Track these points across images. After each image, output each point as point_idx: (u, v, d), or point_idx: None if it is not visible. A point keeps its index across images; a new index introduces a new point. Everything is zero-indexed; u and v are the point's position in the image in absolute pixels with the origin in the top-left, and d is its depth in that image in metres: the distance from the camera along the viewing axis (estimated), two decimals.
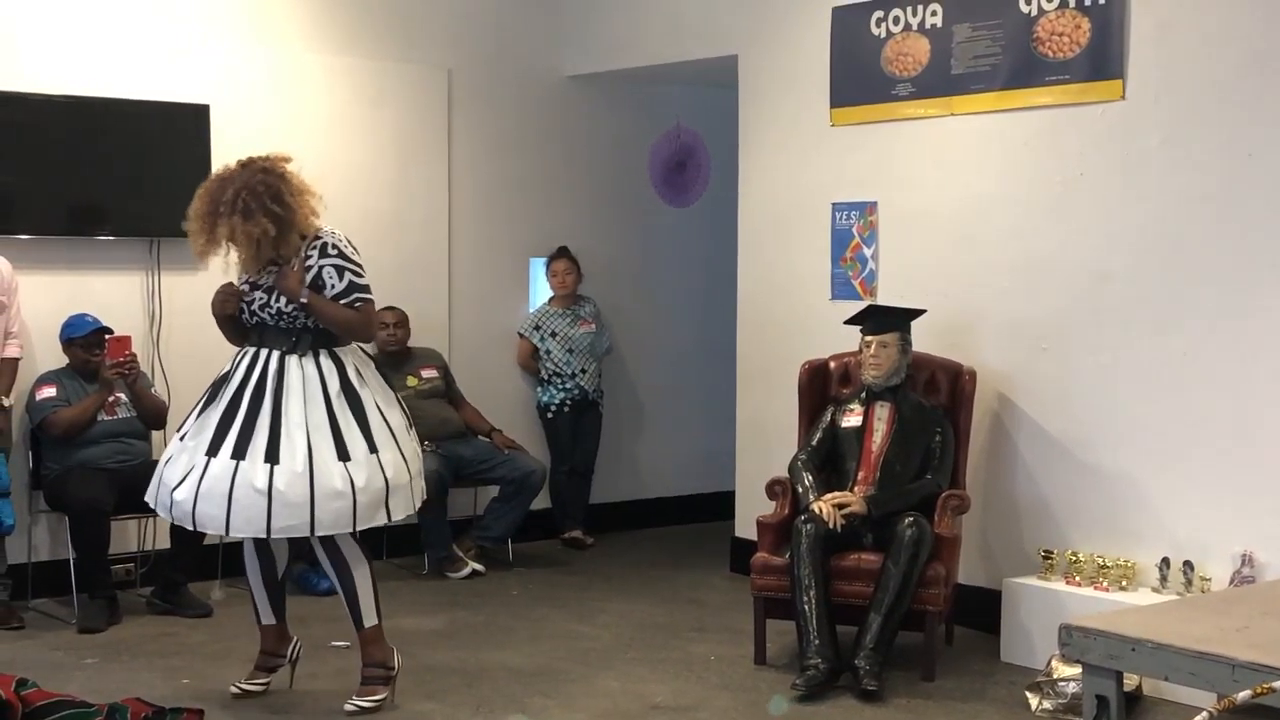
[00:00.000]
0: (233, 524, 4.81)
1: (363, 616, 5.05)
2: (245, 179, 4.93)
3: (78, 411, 6.33)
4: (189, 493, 4.84)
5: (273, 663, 5.24)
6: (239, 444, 4.83)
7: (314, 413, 4.88)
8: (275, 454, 4.80)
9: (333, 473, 4.82)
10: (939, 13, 6.25)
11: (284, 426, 4.84)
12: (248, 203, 4.87)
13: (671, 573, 7.34)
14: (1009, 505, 6.07)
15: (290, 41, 7.29)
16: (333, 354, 5.02)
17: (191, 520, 4.87)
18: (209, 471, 4.82)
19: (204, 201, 4.98)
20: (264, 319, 5.01)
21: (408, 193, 7.65)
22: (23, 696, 4.58)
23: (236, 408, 4.90)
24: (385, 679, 5.10)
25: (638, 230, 8.44)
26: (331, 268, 4.99)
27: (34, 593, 6.48)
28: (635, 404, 8.52)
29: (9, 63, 6.46)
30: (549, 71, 8.10)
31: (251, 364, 4.98)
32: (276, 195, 4.92)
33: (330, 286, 4.98)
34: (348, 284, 5.00)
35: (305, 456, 4.80)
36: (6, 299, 6.25)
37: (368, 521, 4.92)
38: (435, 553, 7.24)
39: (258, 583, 5.20)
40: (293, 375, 4.94)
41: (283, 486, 4.77)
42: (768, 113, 7.05)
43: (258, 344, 5.03)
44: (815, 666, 5.28)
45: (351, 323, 5.02)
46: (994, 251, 6.10)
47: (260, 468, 4.78)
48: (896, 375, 5.78)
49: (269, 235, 4.89)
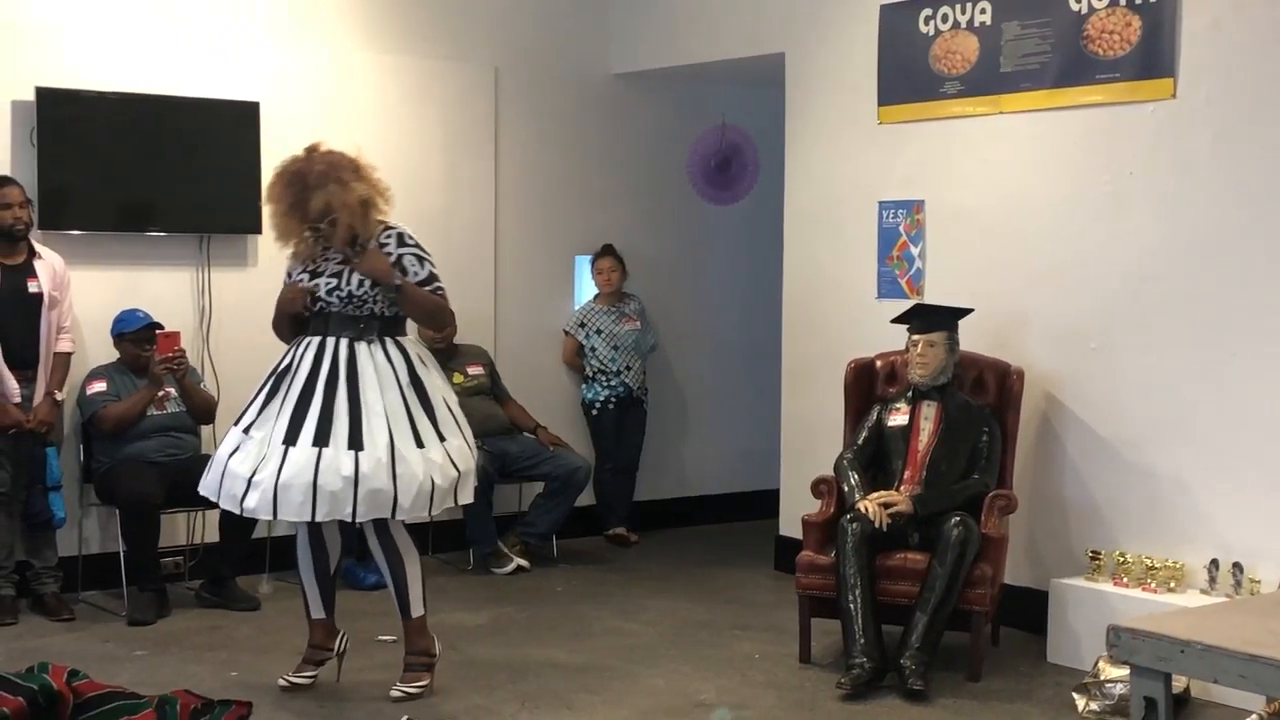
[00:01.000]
0: (318, 510, 4.83)
1: (411, 606, 5.12)
2: (327, 157, 5.04)
3: (127, 406, 6.39)
4: (268, 482, 4.85)
5: (321, 656, 5.28)
6: (319, 432, 4.86)
7: (390, 400, 4.95)
8: (359, 440, 4.85)
9: (412, 459, 4.89)
10: (988, 10, 6.22)
11: (363, 414, 4.89)
12: (339, 174, 4.98)
13: (716, 571, 7.34)
14: (1056, 505, 6.04)
15: (339, 40, 7.33)
16: (397, 342, 5.08)
17: (272, 509, 4.87)
18: (290, 460, 4.84)
19: (289, 183, 5.03)
20: (330, 304, 5.03)
21: (455, 190, 7.68)
22: (74, 688, 4.64)
23: (310, 397, 4.92)
24: (428, 665, 5.18)
25: (683, 228, 8.45)
26: (413, 256, 5.08)
27: (84, 585, 6.55)
28: (680, 401, 8.52)
29: (62, 60, 6.52)
30: (596, 69, 8.12)
31: (319, 352, 5.01)
32: (357, 169, 5.06)
33: (413, 274, 5.06)
34: (429, 273, 5.10)
35: (387, 443, 4.87)
36: (59, 294, 6.32)
37: (441, 506, 5.02)
38: (481, 549, 7.27)
39: (310, 576, 5.24)
40: (364, 362, 4.98)
41: (368, 472, 4.82)
42: (814, 111, 7.03)
43: (322, 332, 5.05)
44: (860, 665, 5.27)
45: (436, 308, 5.13)
46: (1042, 251, 6.07)
47: (345, 455, 4.82)
48: (943, 374, 5.76)
49: (364, 202, 4.98)
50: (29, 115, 6.42)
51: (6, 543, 6.24)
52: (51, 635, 5.97)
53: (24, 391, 6.21)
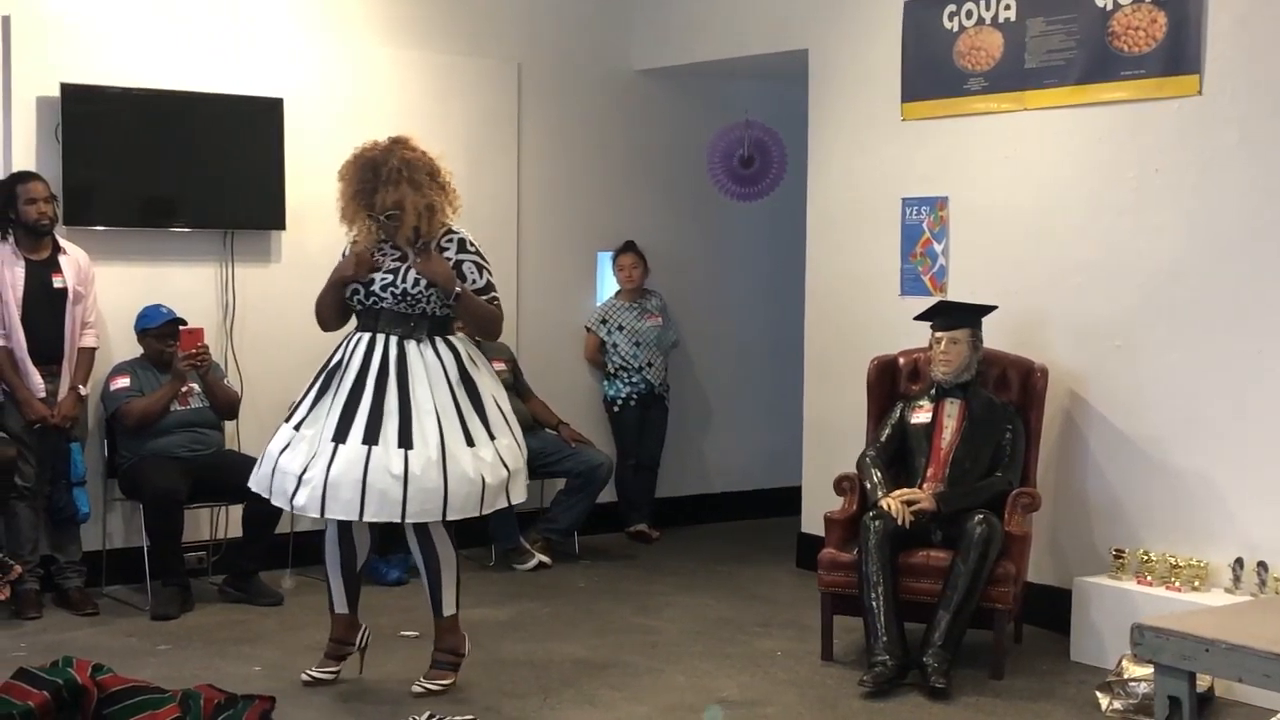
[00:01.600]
0: (367, 509, 4.83)
1: (444, 604, 5.14)
2: (406, 155, 5.05)
3: (150, 402, 6.41)
4: (318, 479, 4.84)
5: (343, 650, 5.29)
6: (369, 429, 4.86)
7: (440, 398, 4.94)
8: (409, 439, 4.85)
9: (463, 458, 4.89)
10: (1012, 6, 6.20)
11: (414, 412, 4.89)
12: (414, 175, 5.00)
13: (737, 568, 7.33)
14: (1080, 504, 6.02)
15: (363, 36, 7.34)
16: (448, 341, 5.08)
17: (320, 507, 4.87)
18: (340, 457, 4.84)
19: (362, 168, 5.04)
20: (384, 300, 5.02)
21: (477, 187, 7.64)
22: (99, 682, 4.65)
23: (360, 394, 4.92)
24: (455, 665, 5.19)
25: (705, 224, 8.44)
26: (473, 264, 5.10)
27: (108, 579, 6.58)
28: (702, 398, 8.52)
29: (87, 57, 6.54)
30: (618, 66, 8.11)
31: (369, 349, 5.00)
32: (434, 173, 5.08)
33: (471, 281, 5.07)
34: (487, 282, 5.12)
35: (438, 442, 4.87)
36: (83, 289, 6.34)
37: (491, 506, 5.02)
38: (502, 545, 7.28)
39: (336, 572, 5.23)
40: (414, 360, 4.98)
41: (418, 471, 4.82)
42: (838, 107, 7.02)
43: (372, 329, 5.04)
44: (883, 663, 5.26)
45: (491, 318, 5.14)
46: (1066, 248, 6.04)
47: (395, 453, 4.82)
48: (967, 372, 5.74)
49: (433, 209, 5.01)
50: (54, 111, 6.45)
51: (31, 537, 6.26)
52: (75, 629, 6.00)
53: (48, 386, 6.24)
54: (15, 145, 6.43)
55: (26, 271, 6.19)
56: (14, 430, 6.14)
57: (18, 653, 5.55)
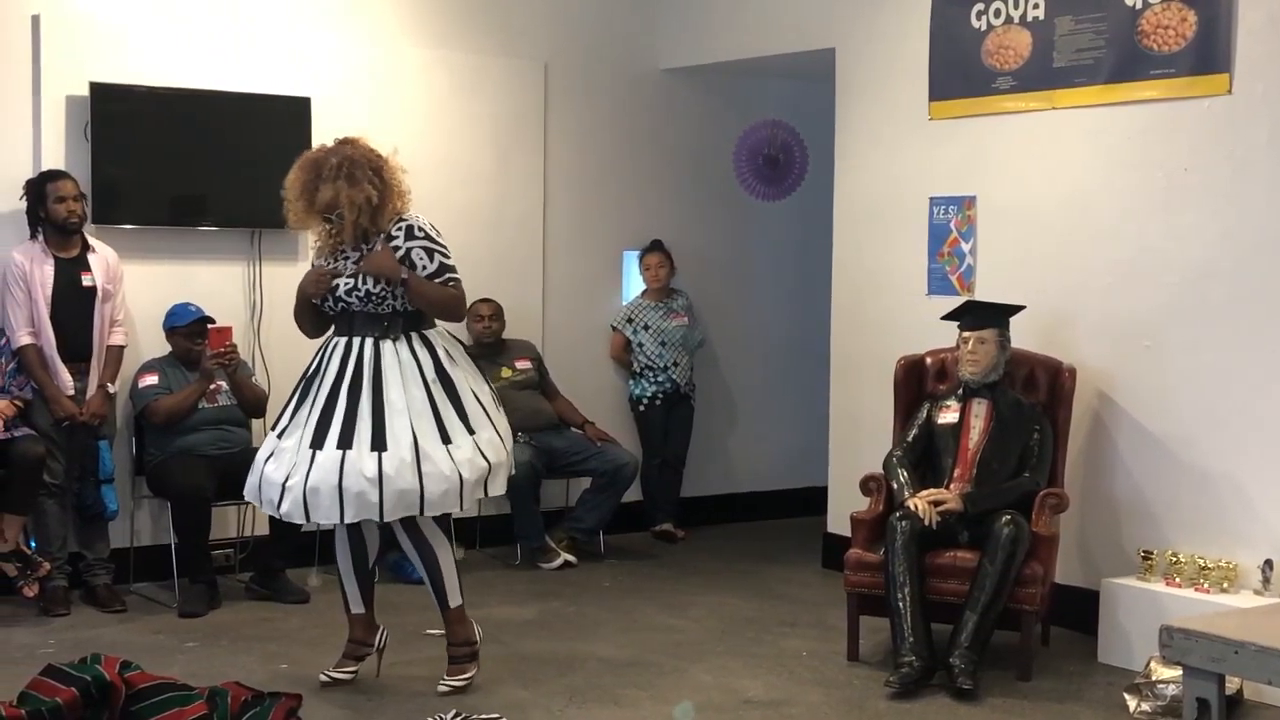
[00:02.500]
0: (346, 512, 4.88)
1: (447, 596, 5.13)
2: (348, 151, 5.06)
3: (178, 400, 6.44)
4: (298, 486, 4.90)
5: (361, 651, 5.30)
6: (344, 434, 4.90)
7: (414, 397, 4.95)
8: (382, 441, 4.88)
9: (438, 457, 4.90)
10: (1041, 5, 6.17)
11: (387, 414, 4.91)
12: (352, 170, 4.99)
13: (763, 567, 7.32)
14: (1108, 505, 5.99)
15: (390, 35, 7.36)
16: (423, 337, 5.09)
17: (304, 513, 4.93)
18: (316, 464, 4.89)
19: (304, 170, 5.08)
20: (351, 304, 5.05)
21: (504, 185, 7.70)
22: (126, 679, 4.67)
23: (335, 399, 4.96)
24: (472, 656, 5.19)
25: (731, 224, 8.43)
26: (420, 249, 5.06)
27: (136, 577, 6.61)
28: (727, 397, 8.51)
29: (115, 56, 6.57)
30: (645, 65, 8.11)
31: (345, 353, 5.03)
32: (378, 168, 5.06)
33: (421, 268, 5.05)
34: (439, 265, 5.08)
35: (411, 443, 4.89)
36: (112, 287, 6.37)
37: (471, 500, 5.02)
38: (528, 543, 7.29)
39: (348, 572, 5.26)
40: (388, 361, 4.99)
41: (392, 472, 4.85)
42: (865, 106, 7.00)
43: (347, 333, 5.08)
44: (909, 664, 5.24)
45: (447, 302, 5.11)
46: (1095, 248, 6.02)
47: (368, 456, 4.86)
48: (995, 372, 5.72)
49: (372, 203, 4.99)
50: (83, 110, 6.48)
51: (59, 534, 6.30)
52: (103, 626, 6.03)
53: (77, 384, 6.27)
54: (45, 144, 6.46)
55: (56, 270, 6.23)
56: (43, 428, 6.18)
57: (46, 649, 5.59)
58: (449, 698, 5.06)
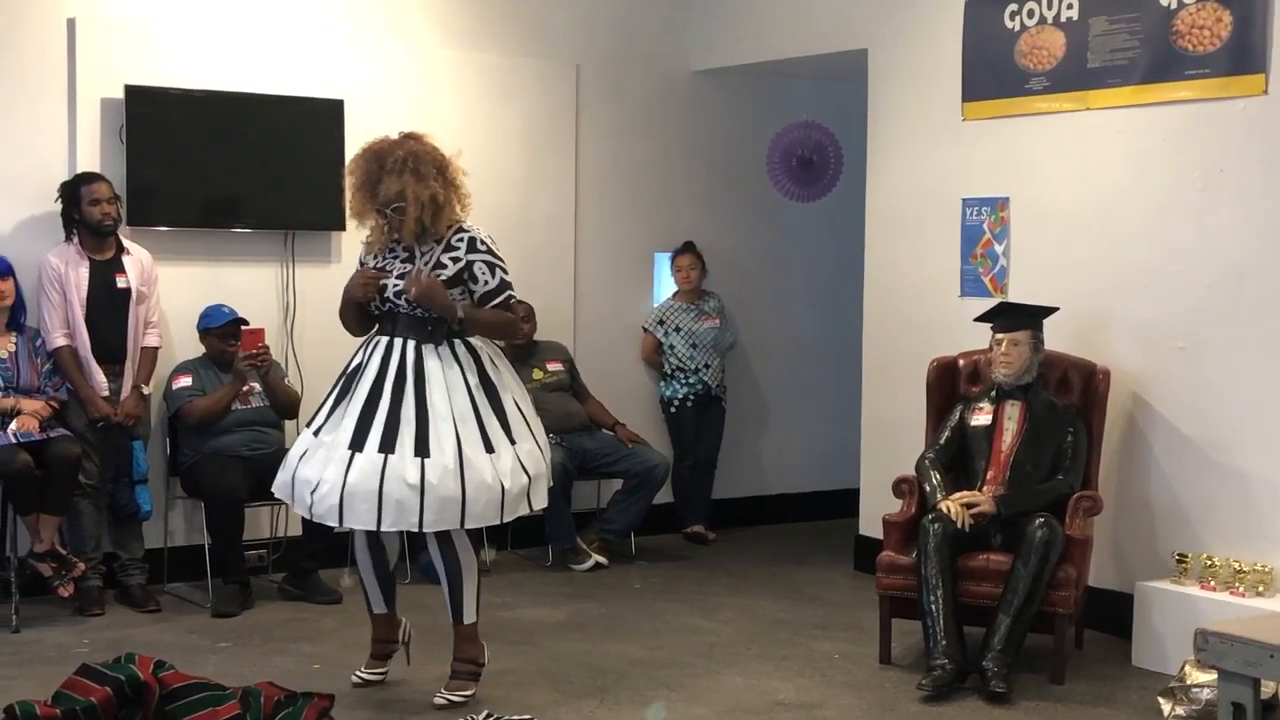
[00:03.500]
0: (384, 519, 4.77)
1: (464, 612, 5.03)
2: (414, 146, 4.97)
3: (212, 401, 6.47)
4: (334, 489, 4.79)
5: (387, 649, 5.28)
6: (386, 437, 4.79)
7: (458, 404, 4.86)
8: (425, 447, 4.77)
9: (481, 465, 4.81)
10: (1075, 6, 6.14)
11: (430, 419, 4.81)
12: (417, 165, 4.90)
13: (794, 570, 7.31)
14: (1142, 507, 5.96)
15: (422, 37, 7.38)
16: (467, 343, 4.99)
17: (339, 516, 4.82)
18: (355, 466, 4.78)
19: (368, 159, 4.98)
20: (399, 306, 4.96)
21: (535, 187, 7.71)
22: (160, 678, 4.69)
23: (377, 400, 4.85)
24: (475, 675, 5.08)
25: (763, 225, 8.42)
26: (483, 264, 4.99)
27: (170, 577, 6.65)
28: (759, 399, 8.50)
29: (149, 58, 6.62)
30: (676, 66, 8.11)
31: (386, 354, 4.94)
32: (442, 167, 4.98)
33: (483, 282, 4.97)
34: (500, 281, 5.01)
35: (455, 450, 4.78)
36: (147, 289, 6.41)
37: (513, 513, 4.94)
38: (559, 545, 7.29)
39: (370, 574, 5.20)
40: (432, 365, 4.90)
41: (435, 480, 4.75)
42: (898, 107, 6.98)
43: (390, 333, 4.98)
44: (942, 667, 5.23)
45: (504, 326, 5.06)
46: (1130, 249, 5.98)
47: (410, 462, 4.75)
48: (1028, 374, 5.70)
49: (437, 201, 4.91)
50: (118, 113, 6.52)
51: (94, 535, 6.34)
52: (138, 626, 6.06)
53: (111, 385, 6.31)
54: (80, 146, 6.51)
55: (90, 271, 6.27)
56: (78, 428, 6.22)
57: (81, 649, 5.63)
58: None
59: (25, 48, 6.43)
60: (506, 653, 5.68)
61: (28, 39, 6.43)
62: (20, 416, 6.02)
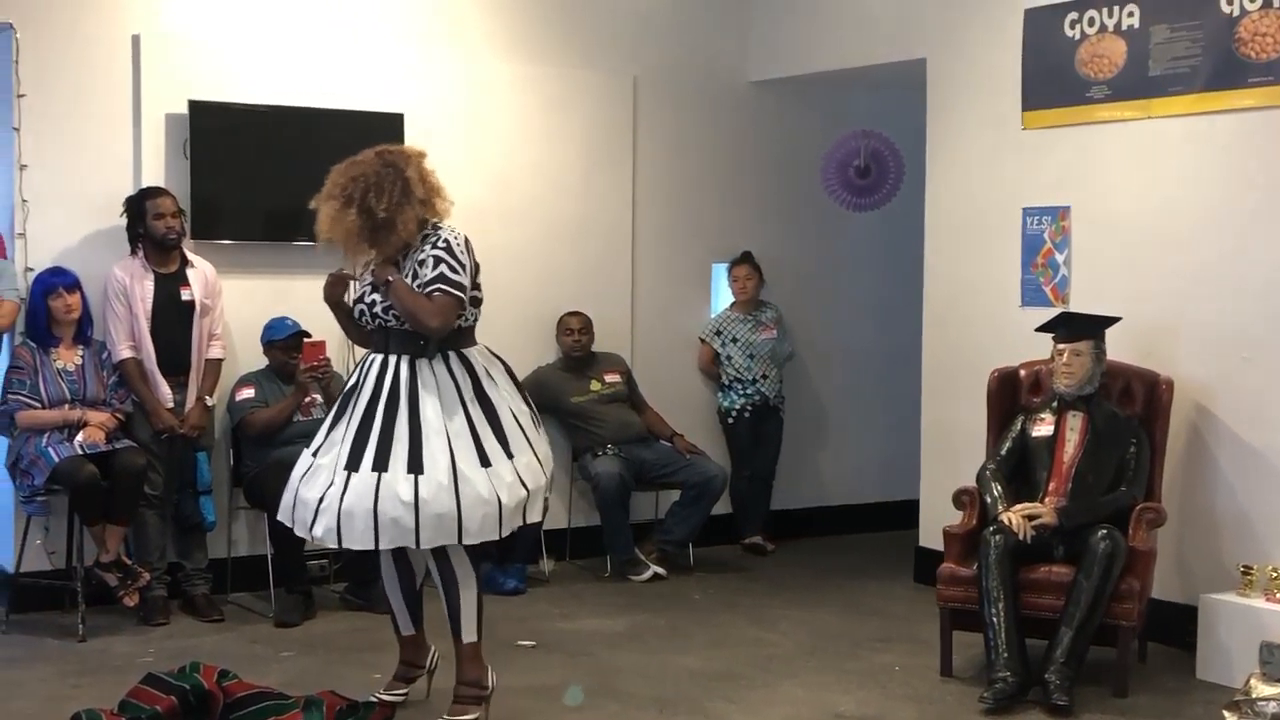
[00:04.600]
0: (382, 538, 4.67)
1: (463, 631, 4.88)
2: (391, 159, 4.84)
3: (274, 412, 6.52)
4: (332, 510, 4.70)
5: (412, 673, 5.15)
6: (379, 456, 4.69)
7: (452, 418, 4.75)
8: (419, 464, 4.67)
9: (477, 480, 4.69)
10: (1135, 14, 6.10)
11: (424, 434, 4.71)
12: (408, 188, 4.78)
13: (853, 581, 7.28)
14: (1206, 519, 5.90)
15: (481, 51, 7.42)
16: (461, 355, 4.87)
17: (338, 537, 4.72)
18: (351, 487, 4.69)
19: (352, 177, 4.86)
20: (387, 321, 4.85)
21: (593, 198, 7.73)
22: (224, 688, 4.75)
23: (372, 418, 4.76)
24: (478, 699, 4.92)
25: (821, 235, 8.40)
26: (430, 257, 4.80)
27: (233, 587, 6.71)
28: (817, 410, 8.47)
29: (213, 74, 6.69)
30: (734, 77, 8.11)
31: (381, 371, 4.83)
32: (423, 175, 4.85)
33: (422, 274, 4.80)
34: (437, 274, 4.78)
35: (449, 466, 4.67)
36: (211, 302, 6.48)
37: (511, 527, 4.79)
38: (617, 555, 7.30)
39: (396, 594, 5.08)
40: (426, 380, 4.79)
41: (428, 497, 4.64)
42: (957, 116, 6.96)
43: (384, 350, 4.87)
44: (1004, 680, 5.19)
45: (413, 310, 4.75)
46: (1193, 257, 5.93)
47: (404, 479, 4.65)
48: (1090, 384, 5.65)
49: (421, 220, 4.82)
50: (182, 128, 6.60)
51: (158, 545, 6.41)
52: (201, 635, 6.12)
53: (176, 397, 6.38)
54: (145, 161, 6.59)
55: (155, 284, 6.34)
56: (143, 440, 6.29)
57: (145, 658, 5.69)
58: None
59: (92, 64, 6.52)
60: (564, 664, 5.70)
61: (94, 56, 6.52)
62: (87, 428, 6.10)
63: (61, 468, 5.96)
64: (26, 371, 6.18)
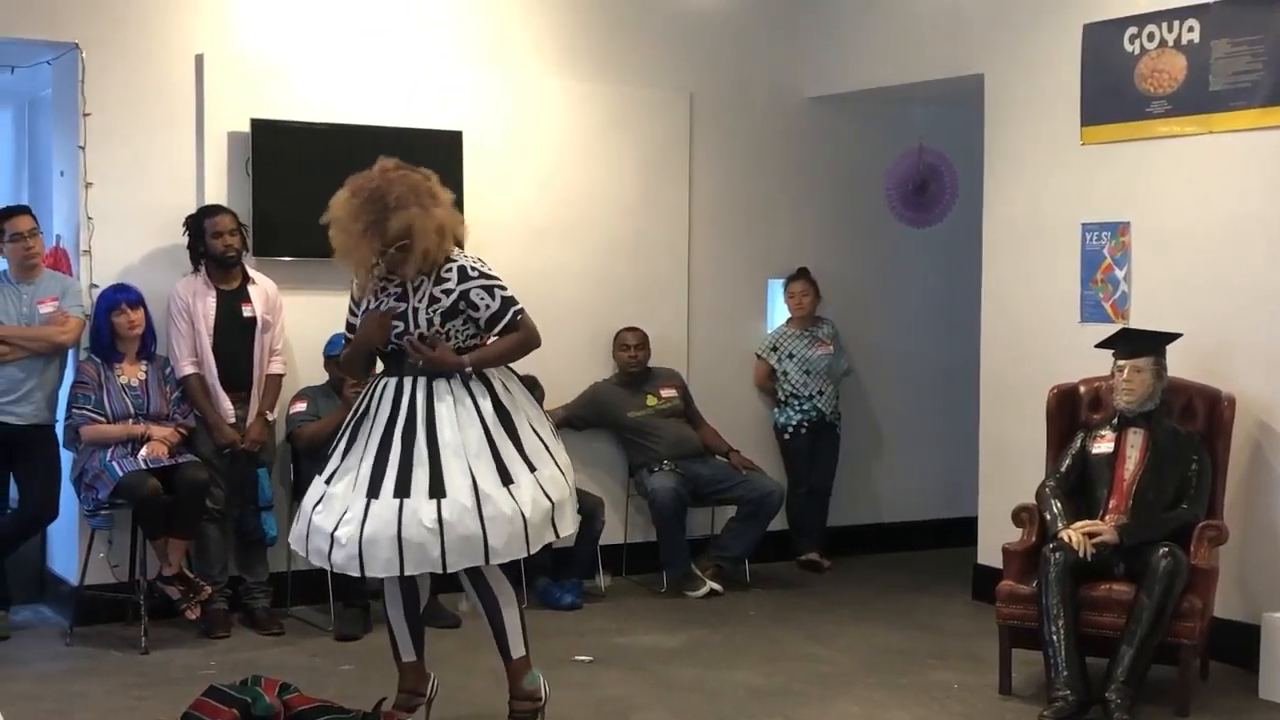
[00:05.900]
0: (406, 564, 4.59)
1: (510, 647, 4.85)
2: (406, 178, 4.79)
3: (319, 426, 6.52)
4: (353, 538, 4.60)
5: (414, 702, 4.95)
6: (400, 481, 4.62)
7: (471, 439, 4.68)
8: (440, 488, 4.60)
9: (500, 499, 4.63)
10: (1196, 29, 6.06)
11: (443, 457, 4.64)
12: (421, 199, 4.74)
13: (911, 598, 7.25)
14: (1269, 537, 5.83)
15: (538, 69, 7.46)
16: (479, 373, 4.81)
17: (359, 565, 4.61)
18: (372, 513, 4.60)
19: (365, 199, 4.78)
20: (401, 346, 4.79)
21: (649, 215, 7.75)
22: (285, 701, 4.79)
23: (389, 443, 4.68)
24: (533, 711, 4.91)
25: (877, 251, 8.38)
26: (480, 289, 4.79)
27: (293, 600, 6.75)
28: (874, 426, 8.45)
29: (274, 93, 6.77)
30: (790, 93, 8.12)
31: (396, 396, 4.75)
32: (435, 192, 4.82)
33: (485, 308, 4.79)
34: (501, 301, 4.80)
35: (470, 487, 4.61)
36: (271, 318, 6.54)
37: (539, 543, 4.73)
38: (674, 571, 7.30)
39: (399, 617, 4.92)
40: (442, 401, 4.72)
41: (452, 519, 4.57)
42: (1015, 131, 6.93)
43: (398, 373, 4.80)
44: (1064, 698, 5.16)
45: (518, 346, 4.84)
46: (1255, 273, 5.88)
47: (426, 504, 4.58)
48: (1151, 401, 5.61)
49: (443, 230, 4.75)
50: (244, 146, 6.68)
51: (220, 559, 6.47)
52: (262, 648, 6.17)
53: (238, 412, 6.45)
54: (208, 179, 6.67)
55: (217, 301, 6.42)
56: (205, 455, 6.36)
57: (208, 670, 5.74)
58: None
59: (156, 84, 6.61)
60: (621, 679, 5.71)
61: (158, 75, 6.62)
62: (150, 443, 6.17)
63: (125, 482, 6.03)
64: (91, 387, 6.27)
